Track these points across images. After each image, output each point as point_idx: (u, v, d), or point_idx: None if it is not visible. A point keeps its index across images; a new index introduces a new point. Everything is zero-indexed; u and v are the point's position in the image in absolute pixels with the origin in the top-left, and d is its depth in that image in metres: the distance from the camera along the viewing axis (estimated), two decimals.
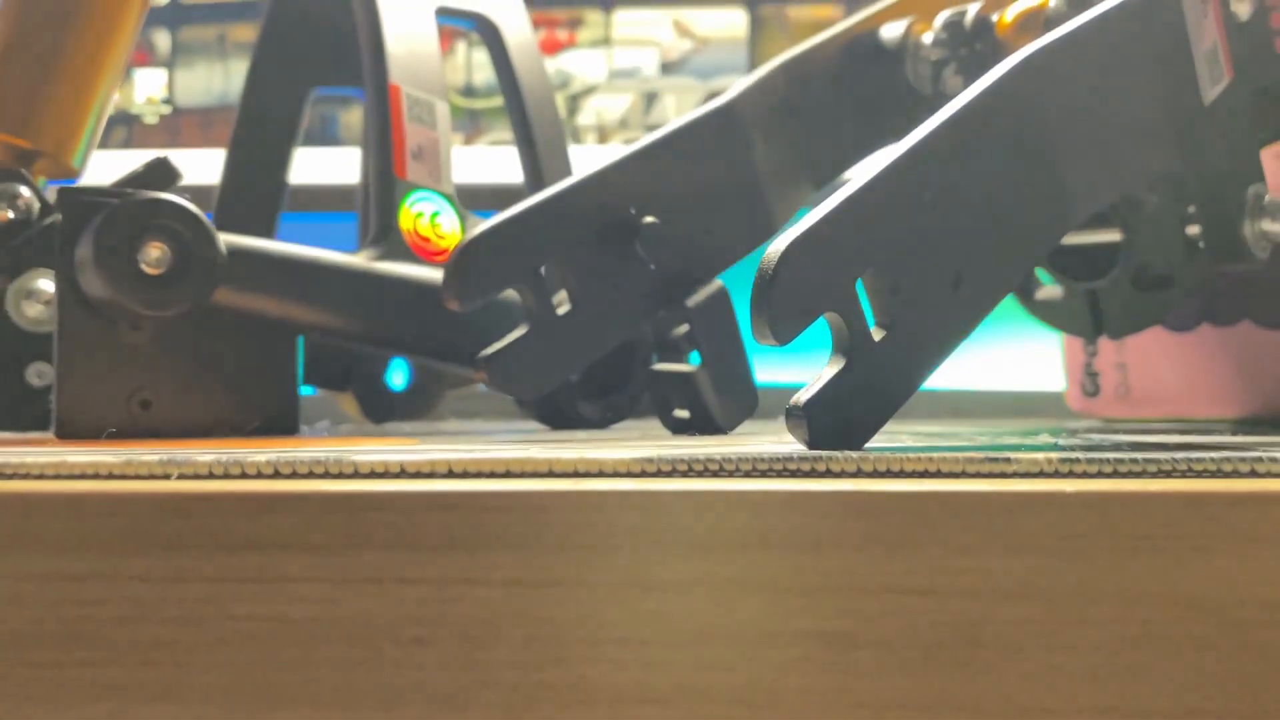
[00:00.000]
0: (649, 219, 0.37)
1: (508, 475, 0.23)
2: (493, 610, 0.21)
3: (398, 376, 0.55)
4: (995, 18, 0.45)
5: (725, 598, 0.21)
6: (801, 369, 0.31)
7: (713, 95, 0.78)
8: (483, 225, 0.35)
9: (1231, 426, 0.50)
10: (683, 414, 0.39)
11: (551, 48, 0.79)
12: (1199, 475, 0.24)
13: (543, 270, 0.36)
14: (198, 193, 0.45)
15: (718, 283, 0.39)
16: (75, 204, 0.38)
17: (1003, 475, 0.23)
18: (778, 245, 0.26)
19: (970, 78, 0.45)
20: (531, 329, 0.35)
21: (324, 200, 0.69)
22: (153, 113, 0.82)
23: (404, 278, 0.43)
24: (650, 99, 0.79)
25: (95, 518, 0.21)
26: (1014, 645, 0.21)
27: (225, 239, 0.39)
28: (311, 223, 0.64)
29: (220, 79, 0.81)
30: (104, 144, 0.51)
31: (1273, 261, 0.45)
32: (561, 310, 0.36)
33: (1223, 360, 0.51)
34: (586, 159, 0.76)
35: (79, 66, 0.46)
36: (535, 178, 0.54)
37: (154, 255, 0.38)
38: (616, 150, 0.39)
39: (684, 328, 0.38)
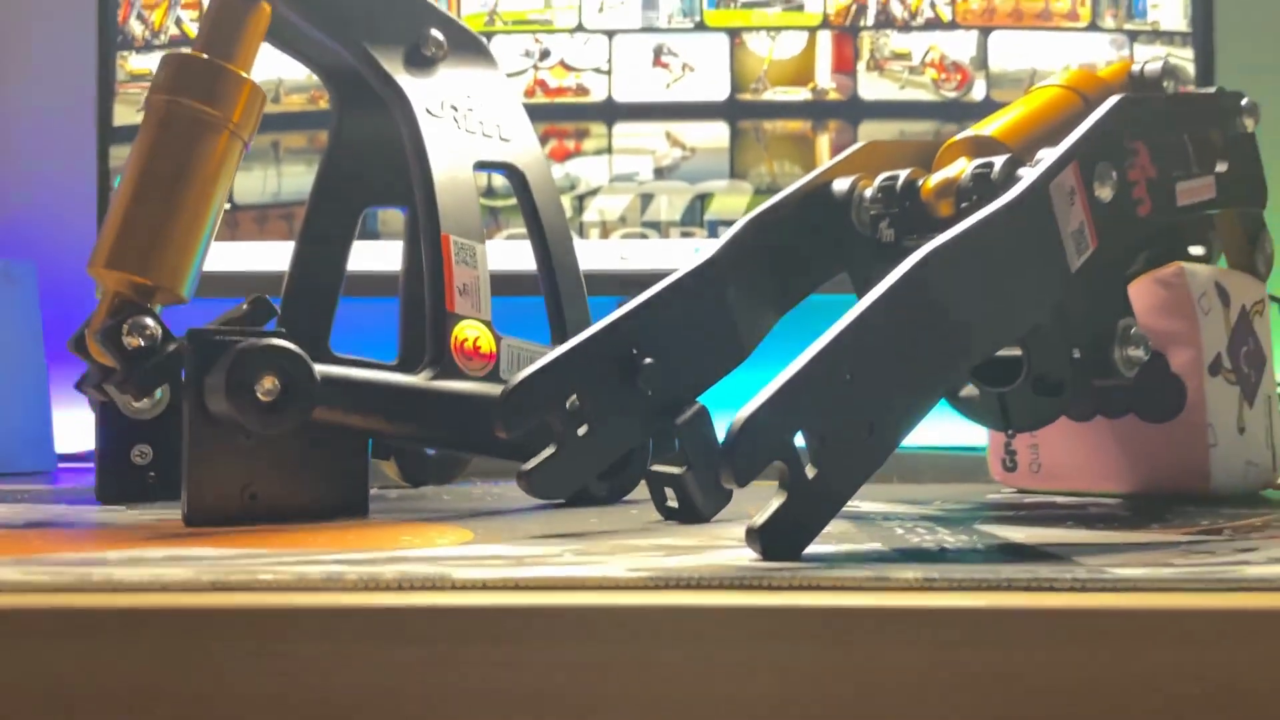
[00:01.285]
0: (648, 360, 0.47)
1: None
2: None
3: None
4: (920, 183, 0.55)
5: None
6: None
7: (700, 196, 0.88)
8: (522, 373, 0.45)
9: (1119, 500, 0.61)
10: (673, 504, 0.49)
11: (561, 155, 0.89)
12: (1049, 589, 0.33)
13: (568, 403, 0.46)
14: (256, 279, 0.54)
15: (699, 405, 0.49)
16: (205, 343, 0.48)
17: (882, 589, 0.33)
18: (740, 415, 0.36)
19: (899, 230, 0.56)
20: (559, 449, 0.45)
21: (368, 285, 0.78)
22: None
23: (455, 393, 0.53)
24: (646, 199, 0.89)
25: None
26: None
27: (320, 369, 0.49)
28: (358, 305, 0.74)
29: (274, 181, 0.91)
30: None
31: (1145, 372, 0.55)
32: (581, 431, 0.46)
33: (1113, 446, 0.61)
34: (591, 251, 0.86)
35: (191, 213, 0.56)
36: (552, 291, 0.64)
37: (268, 386, 0.48)
38: (628, 301, 0.50)
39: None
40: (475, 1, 0.89)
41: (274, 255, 0.88)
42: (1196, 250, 0.65)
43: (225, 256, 0.89)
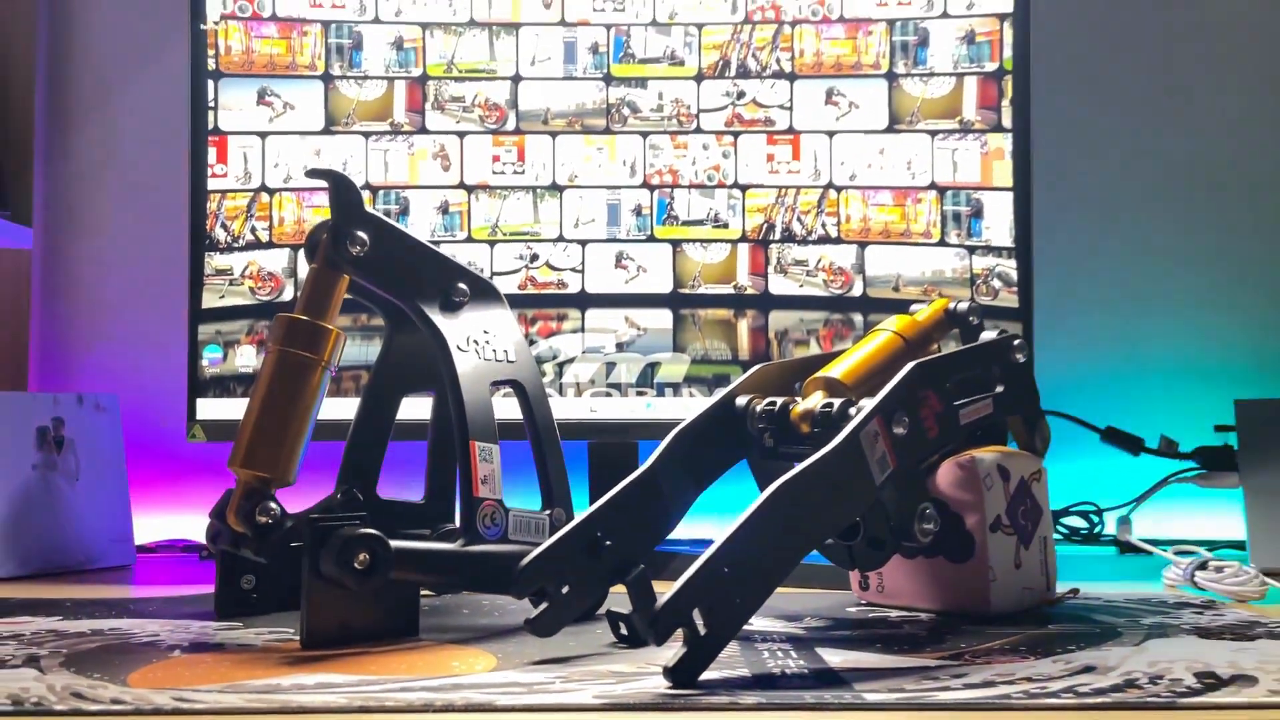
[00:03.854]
0: (608, 542, 0.70)
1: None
2: None
3: None
4: (790, 408, 0.79)
5: None
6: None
7: (650, 365, 1.11)
8: (527, 558, 0.68)
9: (932, 615, 0.84)
10: (624, 632, 0.72)
11: (545, 332, 1.12)
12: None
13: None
14: (331, 424, 0.75)
15: (642, 567, 0.71)
16: (319, 529, 0.71)
17: None
18: (659, 603, 0.59)
19: (777, 439, 0.79)
20: (550, 603, 0.68)
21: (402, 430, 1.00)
22: None
23: (479, 555, 0.76)
24: (610, 366, 1.12)
25: None
26: None
27: (394, 544, 0.72)
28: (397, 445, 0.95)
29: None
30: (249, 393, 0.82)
31: (947, 527, 0.79)
32: (564, 590, 0.69)
33: (930, 576, 0.84)
34: (568, 405, 1.08)
35: (297, 426, 0.78)
36: (541, 459, 0.86)
37: (362, 559, 0.70)
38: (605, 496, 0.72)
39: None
40: (479, 217, 1.13)
41: (341, 408, 1.09)
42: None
43: None
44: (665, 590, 0.62)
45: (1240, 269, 1.40)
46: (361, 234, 0.80)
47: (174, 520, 1.33)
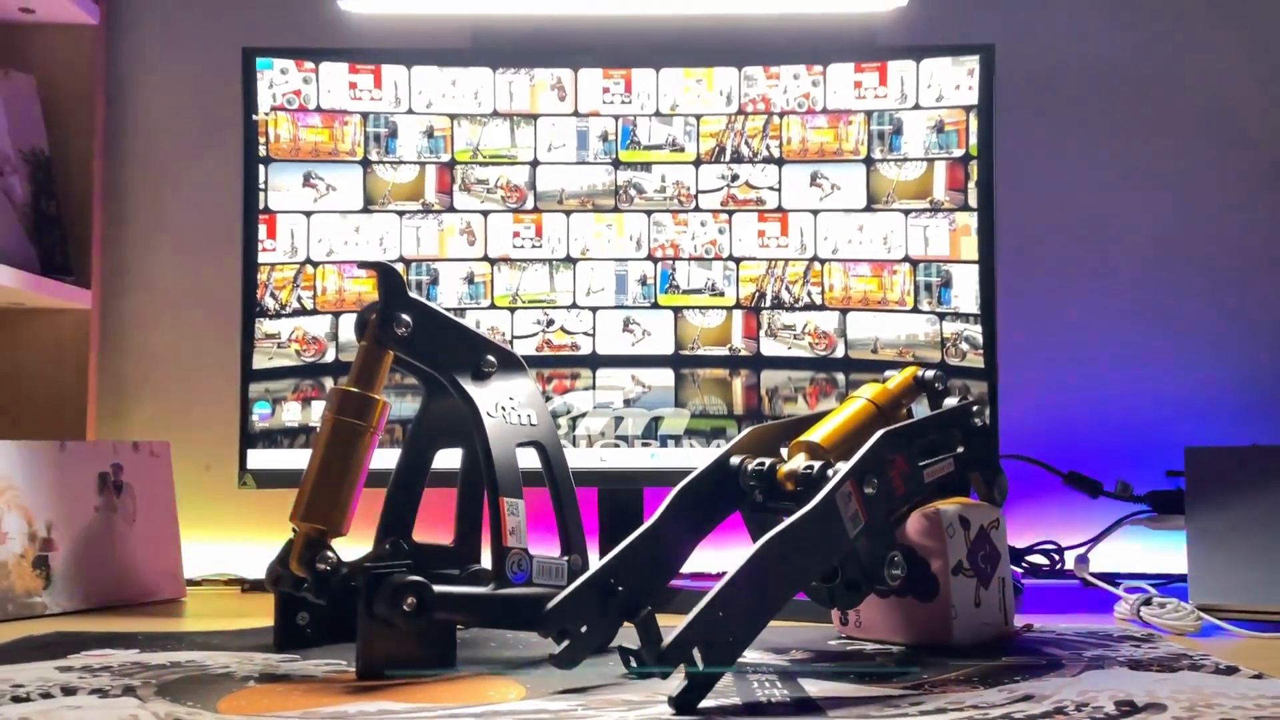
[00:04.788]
0: (620, 588, 0.81)
1: None
2: None
3: None
4: (778, 469, 0.89)
5: None
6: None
7: (654, 419, 1.22)
8: (552, 602, 0.78)
9: (902, 648, 0.94)
10: (635, 666, 0.82)
11: (560, 389, 1.23)
12: None
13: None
14: (373, 473, 0.87)
15: (648, 608, 0.81)
16: (373, 576, 0.81)
17: None
18: (665, 642, 0.69)
19: (765, 496, 0.89)
20: (572, 640, 0.79)
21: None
22: None
23: (508, 597, 0.86)
24: (618, 420, 1.23)
25: None
26: None
27: (437, 589, 0.82)
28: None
29: None
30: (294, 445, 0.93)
31: (914, 571, 0.89)
32: (583, 629, 0.80)
33: (901, 613, 0.95)
34: (580, 455, 1.19)
35: (350, 484, 0.89)
36: (560, 510, 0.97)
37: (410, 601, 0.81)
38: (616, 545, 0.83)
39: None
40: (501, 286, 1.24)
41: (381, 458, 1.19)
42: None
43: None
44: (668, 623, 0.72)
45: (1191, 327, 1.51)
46: (406, 317, 0.90)
47: (202, 549, 1.43)
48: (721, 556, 0.97)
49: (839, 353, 1.22)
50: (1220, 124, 1.53)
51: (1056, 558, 1.40)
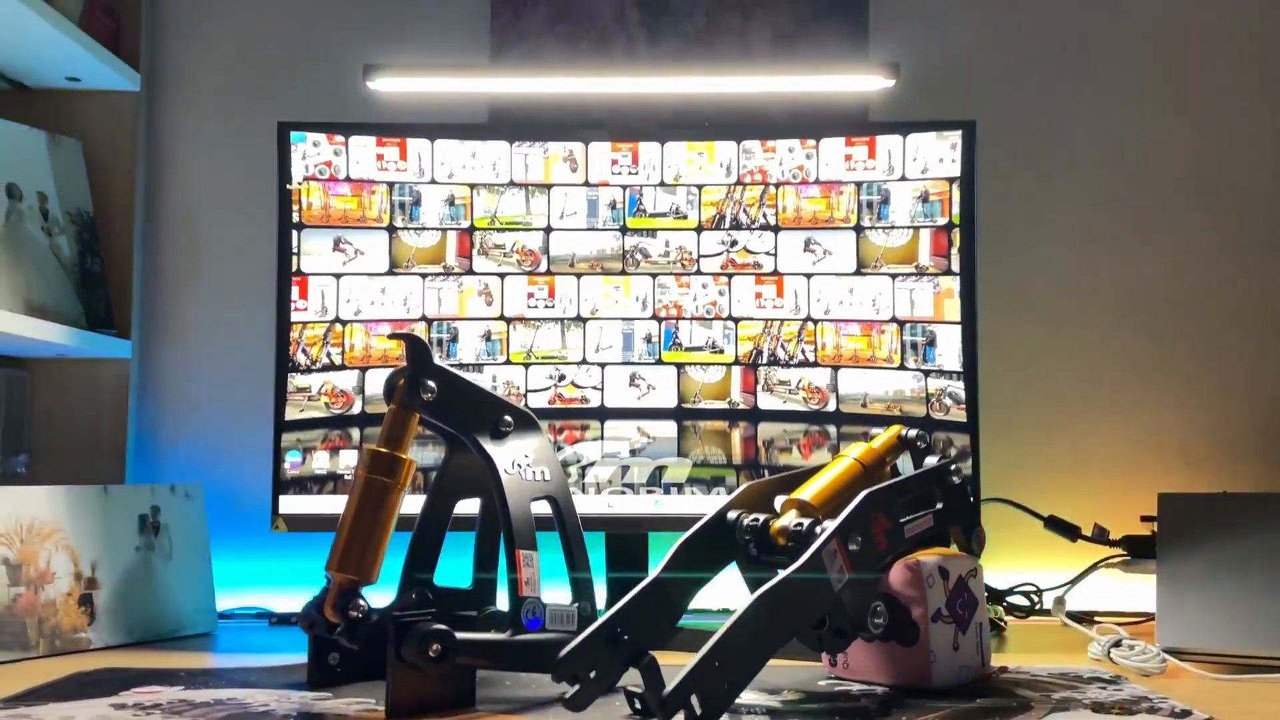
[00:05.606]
0: (626, 637, 0.88)
1: None
2: None
3: None
4: (771, 525, 0.96)
5: None
6: None
7: (659, 467, 1.29)
8: (564, 650, 0.85)
9: (886, 689, 1.00)
10: (639, 707, 0.89)
11: (571, 440, 1.30)
12: None
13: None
14: (401, 518, 0.94)
15: (651, 655, 0.88)
16: (402, 624, 0.88)
17: None
18: (667, 689, 0.76)
19: (759, 549, 0.96)
20: (582, 686, 0.85)
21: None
22: None
23: (523, 643, 0.93)
24: (624, 469, 1.30)
25: None
26: None
27: (459, 636, 0.89)
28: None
29: None
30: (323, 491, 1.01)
31: (896, 618, 0.96)
32: (592, 675, 0.86)
33: (885, 656, 1.01)
34: (589, 502, 1.26)
35: (380, 536, 0.96)
36: (570, 557, 1.04)
37: (435, 648, 0.87)
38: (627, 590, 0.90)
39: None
40: (516, 343, 1.31)
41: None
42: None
43: None
44: (669, 661, 0.79)
45: (1166, 377, 1.58)
46: (431, 383, 0.98)
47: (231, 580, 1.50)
48: (717, 593, 1.03)
49: (831, 406, 1.29)
50: (1193, 188, 1.60)
51: (1036, 598, 1.46)
